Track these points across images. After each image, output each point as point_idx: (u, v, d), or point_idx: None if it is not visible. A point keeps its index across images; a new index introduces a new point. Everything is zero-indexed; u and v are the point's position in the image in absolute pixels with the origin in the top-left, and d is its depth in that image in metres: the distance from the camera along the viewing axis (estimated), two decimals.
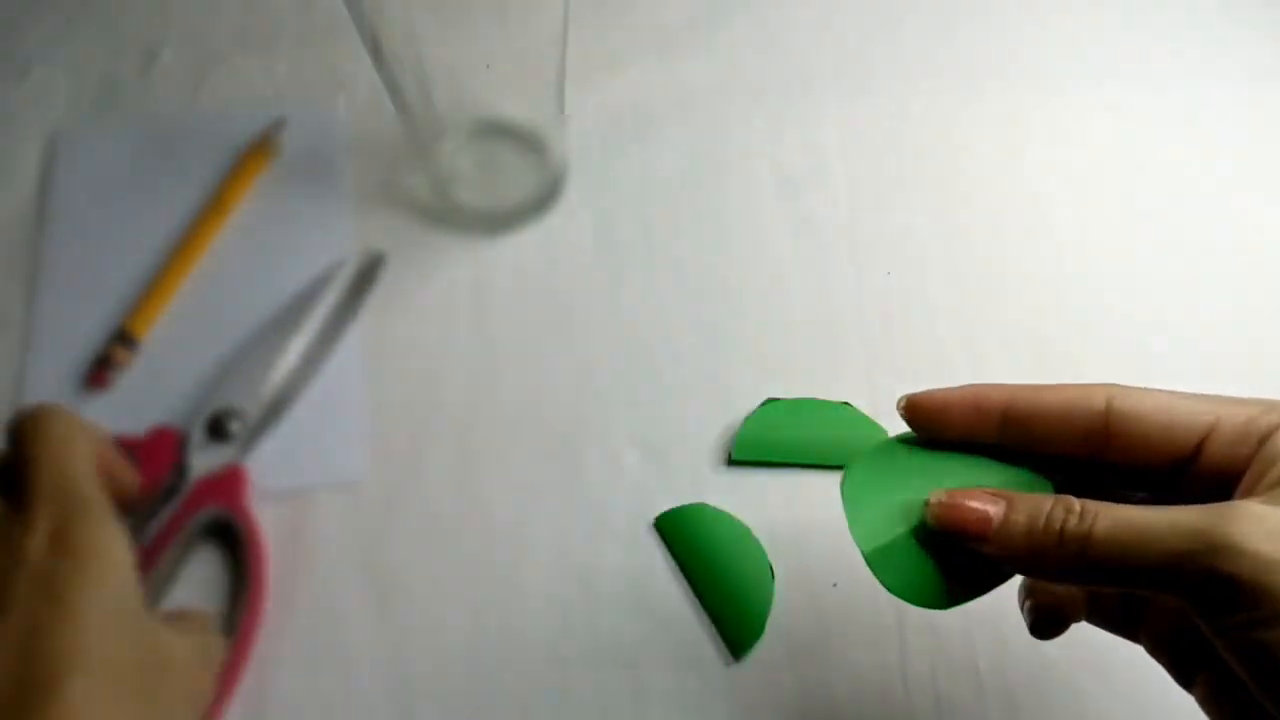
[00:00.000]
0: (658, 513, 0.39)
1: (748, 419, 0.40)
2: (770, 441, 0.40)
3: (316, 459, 0.40)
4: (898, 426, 0.40)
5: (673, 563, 0.38)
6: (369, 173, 0.47)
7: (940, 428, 0.28)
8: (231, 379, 0.39)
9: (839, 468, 0.39)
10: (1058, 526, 0.24)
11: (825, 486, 0.39)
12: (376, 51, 0.38)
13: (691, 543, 0.38)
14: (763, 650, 0.36)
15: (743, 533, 0.38)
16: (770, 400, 0.40)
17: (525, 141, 0.45)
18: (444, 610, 0.37)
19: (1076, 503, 0.24)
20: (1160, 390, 0.27)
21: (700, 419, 0.41)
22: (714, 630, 0.37)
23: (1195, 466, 0.26)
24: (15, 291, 0.44)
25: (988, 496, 0.26)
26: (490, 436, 0.41)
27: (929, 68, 0.50)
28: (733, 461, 0.40)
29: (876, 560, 0.27)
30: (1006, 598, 0.37)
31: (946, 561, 0.27)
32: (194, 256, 0.44)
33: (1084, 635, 0.36)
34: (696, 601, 0.37)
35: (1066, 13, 0.52)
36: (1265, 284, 0.45)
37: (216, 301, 0.44)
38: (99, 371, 0.41)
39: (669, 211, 0.46)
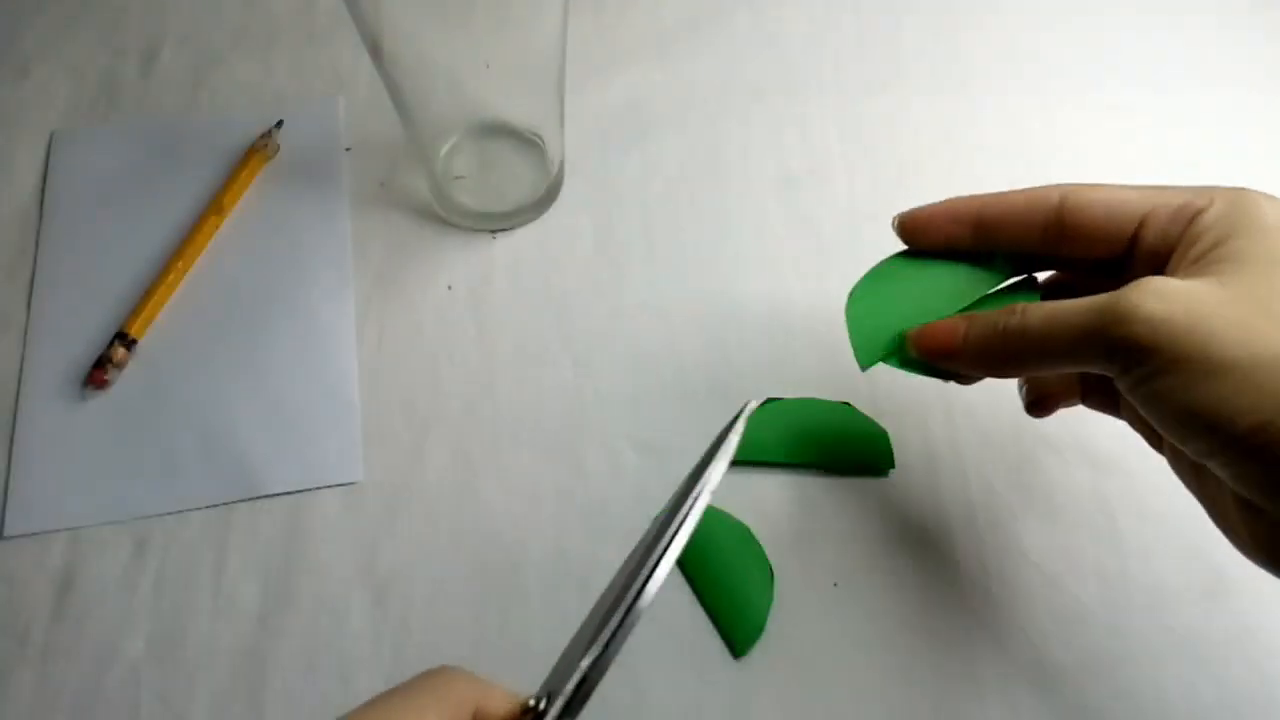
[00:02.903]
0: (658, 513, 0.39)
1: (748, 419, 0.40)
2: (770, 442, 0.40)
3: (316, 460, 0.40)
4: (897, 428, 0.40)
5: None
6: (368, 173, 0.47)
7: (926, 239, 0.33)
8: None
9: (839, 468, 0.39)
10: (1000, 326, 0.29)
11: (825, 486, 0.39)
12: (376, 51, 0.38)
13: (691, 543, 0.38)
14: (763, 650, 0.36)
15: (743, 533, 0.38)
16: (770, 400, 0.40)
17: (525, 141, 0.45)
18: (444, 610, 0.37)
19: (1018, 306, 0.29)
20: (1109, 185, 0.30)
21: (700, 419, 0.41)
22: (714, 630, 0.37)
23: (1136, 250, 0.29)
24: (15, 291, 0.44)
25: (952, 321, 0.31)
26: (490, 437, 0.41)
27: (929, 68, 0.50)
28: (734, 462, 0.39)
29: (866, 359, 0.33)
30: (1006, 601, 0.37)
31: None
32: (193, 257, 0.44)
33: (1085, 634, 0.36)
34: (696, 601, 0.37)
35: (1067, 13, 0.52)
36: None
37: (215, 302, 0.44)
38: (98, 372, 0.41)
39: (668, 211, 0.46)
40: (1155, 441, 0.32)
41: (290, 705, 0.36)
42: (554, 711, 0.23)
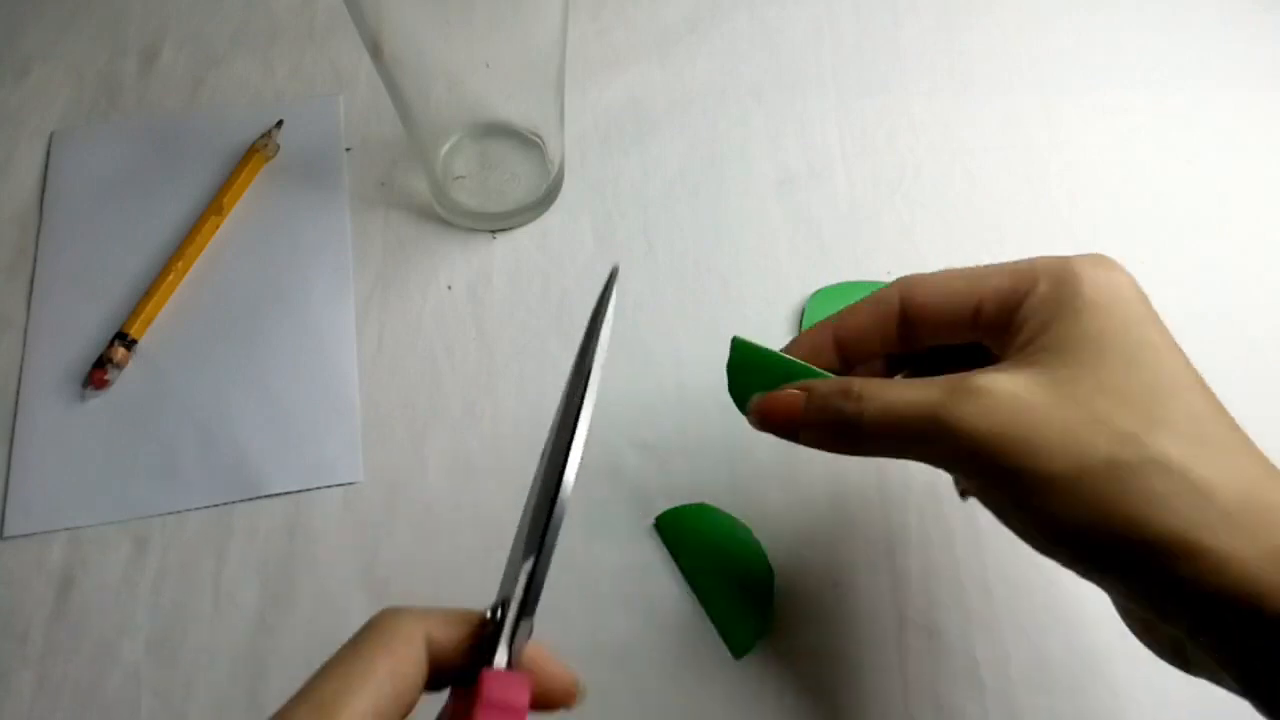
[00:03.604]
0: (658, 513, 0.39)
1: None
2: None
3: (316, 460, 0.40)
4: None
5: (673, 563, 0.38)
6: (368, 172, 0.47)
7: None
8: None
9: None
10: (836, 412, 0.27)
11: (826, 486, 0.39)
12: (376, 51, 0.38)
13: (691, 543, 0.38)
14: (763, 650, 0.36)
15: (743, 533, 0.38)
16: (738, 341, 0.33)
17: (525, 141, 0.45)
18: None
19: (856, 385, 0.27)
20: (942, 275, 0.29)
21: (700, 419, 0.41)
22: (714, 630, 0.37)
23: (978, 338, 0.29)
24: (15, 292, 0.44)
25: (791, 390, 0.29)
26: (490, 436, 0.41)
27: (929, 68, 0.50)
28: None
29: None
30: (1006, 602, 0.37)
31: None
32: (192, 257, 0.44)
33: (1085, 635, 0.36)
34: (696, 601, 0.37)
35: (1067, 14, 0.52)
36: (1267, 285, 0.45)
37: (215, 302, 0.44)
38: (98, 372, 0.41)
39: (668, 211, 0.46)
40: None
41: None
42: (511, 616, 0.23)
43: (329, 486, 0.39)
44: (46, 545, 0.38)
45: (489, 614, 0.24)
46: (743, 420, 0.41)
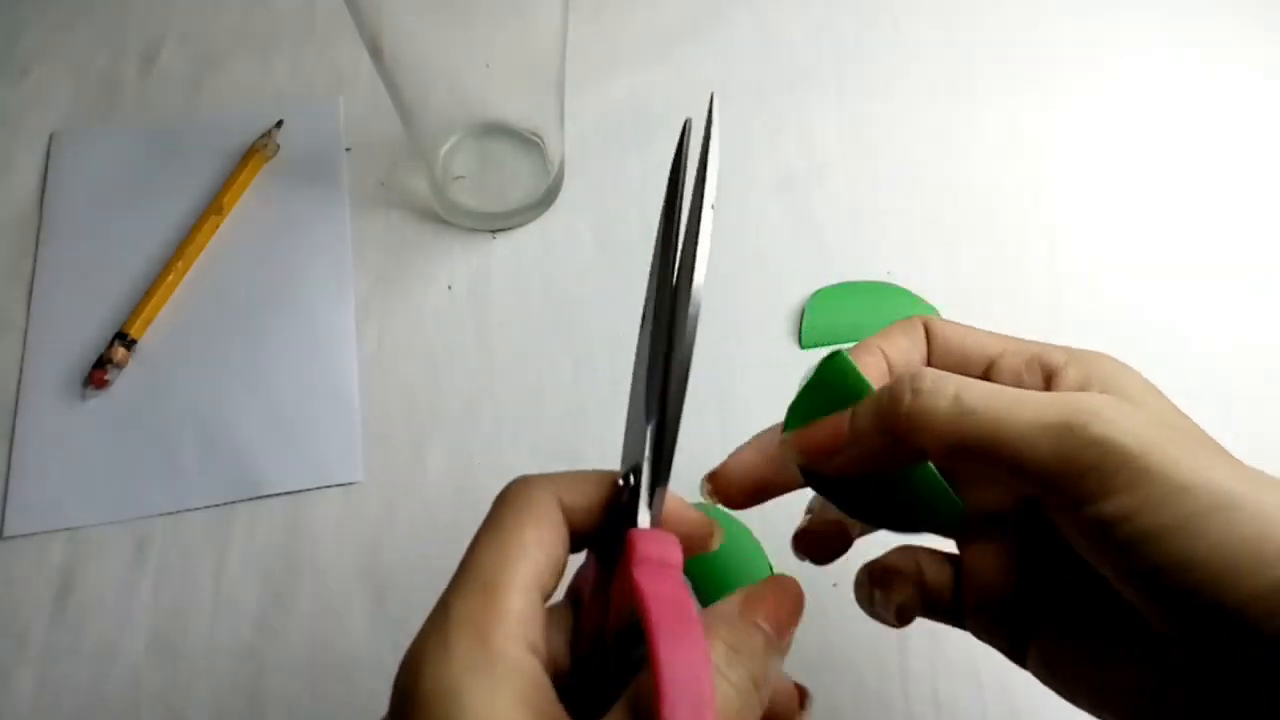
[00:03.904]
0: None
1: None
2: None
3: (316, 460, 0.40)
4: None
5: None
6: (368, 173, 0.47)
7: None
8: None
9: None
10: (924, 396, 0.23)
11: None
12: (376, 51, 0.38)
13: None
14: None
15: (743, 533, 0.38)
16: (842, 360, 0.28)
17: (525, 141, 0.45)
18: None
19: (930, 376, 0.23)
20: (959, 323, 0.28)
21: (700, 419, 0.41)
22: None
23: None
24: (15, 292, 0.44)
25: (836, 414, 0.26)
26: (490, 437, 0.41)
27: (928, 68, 0.50)
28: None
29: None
30: None
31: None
32: (192, 257, 0.44)
33: None
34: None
35: (1067, 14, 0.52)
36: (1268, 285, 0.45)
37: (215, 302, 0.44)
38: (98, 372, 0.41)
39: None
40: (1017, 656, 0.27)
41: (290, 705, 0.36)
42: (645, 479, 0.23)
43: (329, 486, 0.39)
44: (46, 545, 0.38)
45: (620, 481, 0.24)
46: (744, 421, 0.41)
